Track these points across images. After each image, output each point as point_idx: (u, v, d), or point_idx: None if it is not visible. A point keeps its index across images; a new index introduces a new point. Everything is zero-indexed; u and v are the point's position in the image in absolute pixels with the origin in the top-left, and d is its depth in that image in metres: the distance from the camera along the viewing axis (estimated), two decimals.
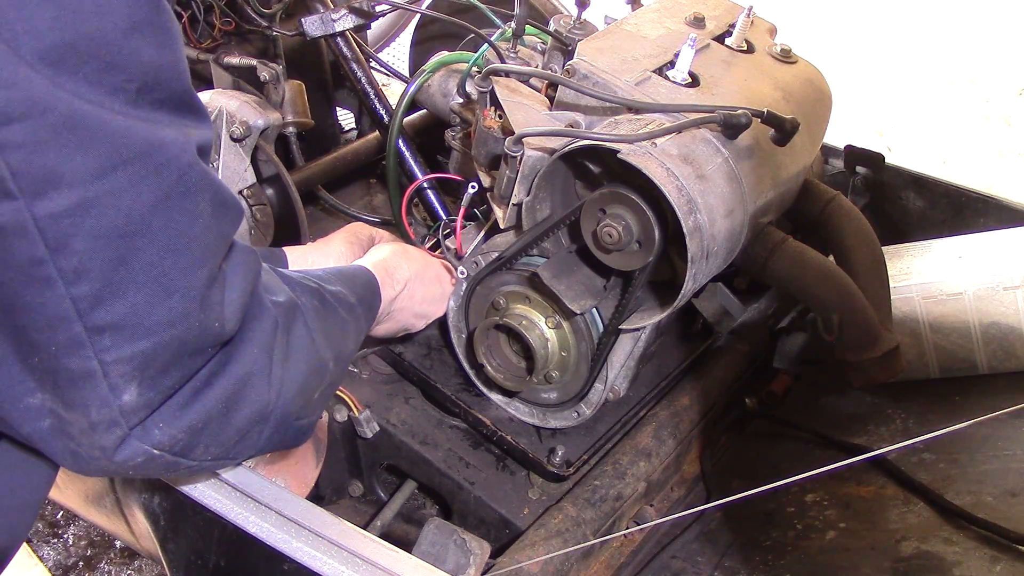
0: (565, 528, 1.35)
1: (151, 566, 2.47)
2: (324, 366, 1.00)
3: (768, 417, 1.72)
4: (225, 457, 0.92)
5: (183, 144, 0.77)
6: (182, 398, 0.83)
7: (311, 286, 1.05)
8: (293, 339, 0.95)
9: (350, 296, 1.12)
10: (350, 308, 1.10)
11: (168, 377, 0.81)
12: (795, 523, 1.46)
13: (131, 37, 0.72)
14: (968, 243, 1.77)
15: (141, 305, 0.76)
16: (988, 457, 1.46)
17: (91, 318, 0.74)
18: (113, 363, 0.76)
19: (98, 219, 0.72)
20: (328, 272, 1.14)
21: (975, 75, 4.15)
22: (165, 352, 0.79)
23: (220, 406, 0.86)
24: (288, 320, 0.94)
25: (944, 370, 1.70)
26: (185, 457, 0.87)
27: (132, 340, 0.77)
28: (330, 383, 1.04)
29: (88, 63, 0.70)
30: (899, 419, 1.64)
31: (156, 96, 0.75)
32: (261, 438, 0.94)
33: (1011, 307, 1.64)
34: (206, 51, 1.84)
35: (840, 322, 1.49)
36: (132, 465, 0.83)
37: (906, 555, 1.32)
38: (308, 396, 0.99)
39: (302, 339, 0.96)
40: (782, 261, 1.50)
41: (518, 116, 1.35)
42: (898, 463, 1.49)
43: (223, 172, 1.62)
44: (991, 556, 1.27)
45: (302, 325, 0.97)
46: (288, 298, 0.96)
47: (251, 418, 0.90)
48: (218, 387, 0.85)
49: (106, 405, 0.78)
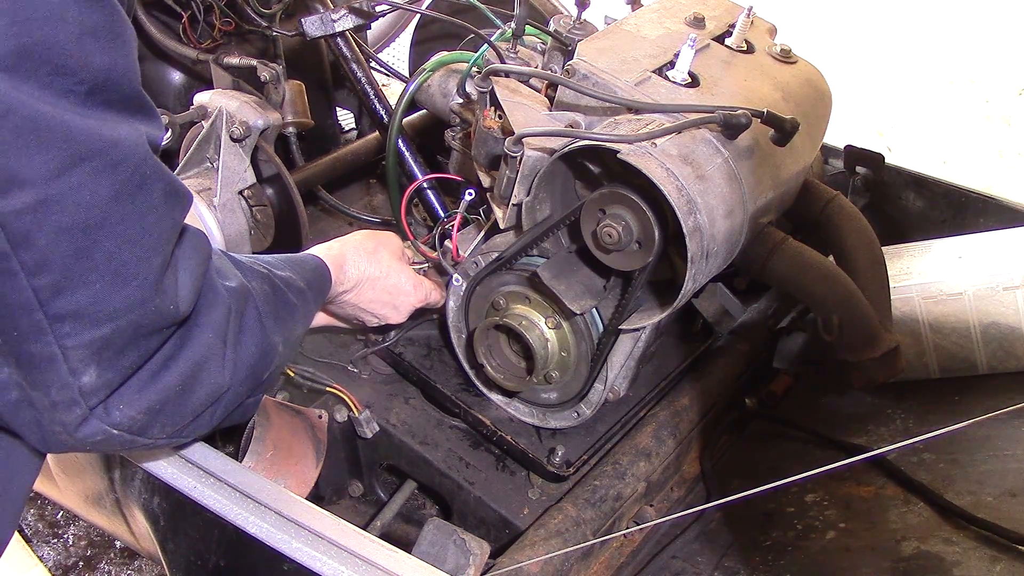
0: (565, 528, 1.35)
1: (151, 566, 2.47)
2: (273, 348, 1.04)
3: (768, 417, 1.72)
4: (179, 436, 0.97)
5: (136, 139, 0.81)
6: (141, 381, 0.87)
7: (261, 271, 1.09)
8: (244, 323, 0.99)
9: (299, 281, 1.15)
10: (299, 292, 1.14)
11: (125, 358, 0.85)
12: (795, 523, 1.46)
13: (82, 42, 0.76)
14: (968, 243, 1.77)
15: (100, 293, 0.80)
16: (988, 457, 1.46)
17: (52, 307, 0.78)
18: (73, 348, 0.81)
19: (59, 215, 0.76)
20: (278, 258, 1.18)
21: (975, 75, 4.15)
22: (122, 335, 0.83)
23: (177, 388, 0.90)
24: (240, 305, 0.98)
25: (944, 370, 1.70)
26: (142, 436, 0.91)
27: (92, 326, 0.81)
28: (279, 364, 1.08)
29: (41, 67, 0.73)
30: (899, 419, 1.64)
31: (106, 97, 0.78)
32: (214, 418, 0.99)
33: (1011, 307, 1.64)
34: (206, 51, 1.84)
35: (840, 322, 1.49)
36: (91, 442, 0.88)
37: (906, 555, 1.32)
38: (258, 377, 1.03)
39: (253, 323, 1.00)
40: (782, 261, 1.50)
41: (518, 116, 1.36)
42: (898, 463, 1.49)
43: (223, 172, 1.62)
44: (991, 556, 1.27)
45: (253, 309, 1.01)
46: (239, 283, 1.00)
47: (206, 399, 0.95)
48: (175, 370, 0.90)
49: (66, 387, 0.82)
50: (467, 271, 1.47)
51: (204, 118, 1.65)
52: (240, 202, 1.67)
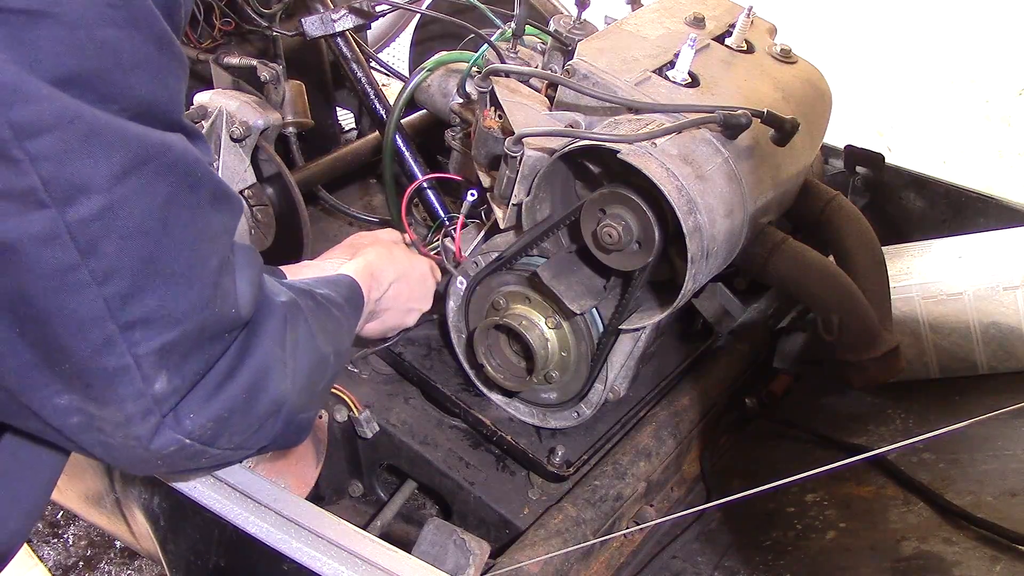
0: (565, 528, 1.35)
1: (151, 566, 2.47)
2: (326, 359, 1.05)
3: (768, 417, 1.72)
4: (244, 447, 0.97)
5: (185, 144, 0.81)
6: (208, 388, 0.87)
7: (304, 288, 1.11)
8: (299, 335, 1.00)
9: (337, 298, 1.17)
10: (340, 307, 1.16)
11: (192, 363, 0.85)
12: (795, 523, 1.46)
13: (130, 74, 0.76)
14: (968, 243, 1.77)
15: (166, 298, 0.80)
16: (988, 457, 1.46)
17: (122, 315, 0.78)
18: (144, 356, 0.81)
19: (125, 220, 0.76)
20: (315, 279, 1.20)
21: (975, 75, 4.15)
22: (188, 339, 0.83)
23: (243, 396, 0.90)
24: (292, 317, 1.00)
25: (944, 370, 1.70)
26: (211, 445, 0.91)
27: (160, 331, 0.81)
28: (331, 376, 1.09)
29: (87, 94, 0.74)
30: (899, 419, 1.64)
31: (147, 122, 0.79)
32: (275, 428, 0.98)
33: (1011, 307, 1.63)
34: (206, 51, 1.84)
35: (840, 322, 1.49)
36: (166, 454, 0.87)
37: (906, 555, 1.32)
38: (313, 388, 1.04)
39: (306, 334, 1.01)
40: (782, 261, 1.50)
41: (518, 116, 1.36)
42: (898, 463, 1.49)
43: (223, 172, 1.62)
44: (991, 556, 1.27)
45: (303, 322, 1.02)
46: (289, 297, 1.02)
47: (270, 407, 0.95)
48: (240, 378, 0.90)
49: (141, 396, 0.82)
50: (467, 271, 1.47)
51: (204, 118, 1.65)
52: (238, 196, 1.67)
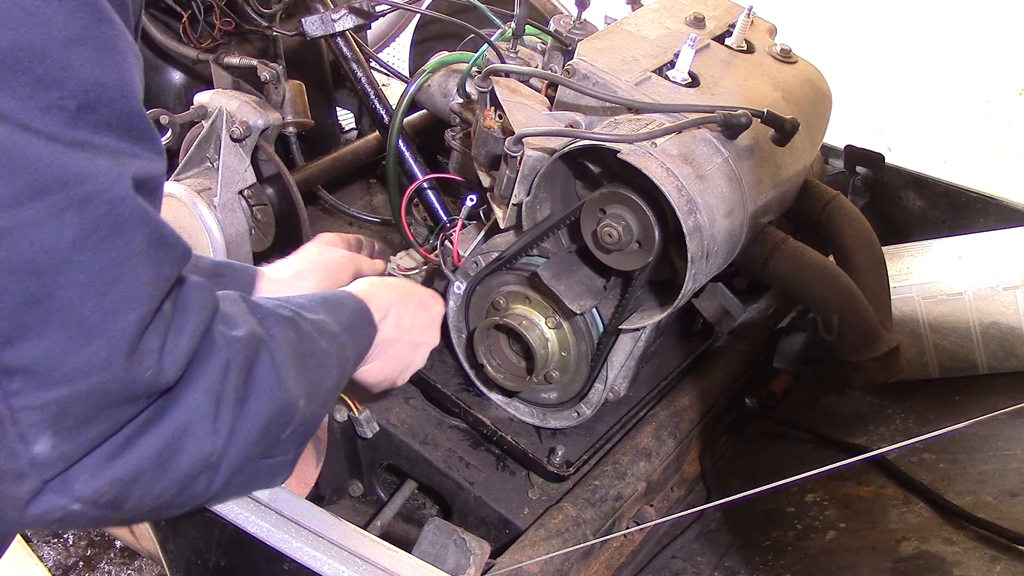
0: (565, 528, 1.35)
1: (151, 566, 2.47)
2: (292, 405, 0.91)
3: (768, 417, 1.72)
4: (169, 507, 0.86)
5: (116, 175, 0.70)
6: (109, 449, 0.76)
7: (285, 315, 0.96)
8: (254, 377, 0.87)
9: (333, 325, 1.02)
10: (332, 338, 1.00)
11: (89, 430, 0.74)
12: (795, 523, 1.46)
13: (69, 50, 0.67)
14: (968, 243, 1.77)
15: (55, 349, 0.70)
16: (988, 457, 1.46)
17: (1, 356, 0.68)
18: (23, 410, 0.70)
19: (9, 251, 0.66)
20: (311, 299, 1.05)
21: (975, 75, 4.14)
22: (84, 402, 0.72)
23: (154, 458, 0.79)
24: (248, 356, 0.86)
25: (944, 370, 1.70)
26: (114, 509, 0.79)
27: (45, 387, 0.70)
28: (302, 422, 0.95)
29: (18, 77, 0.65)
30: (899, 419, 1.64)
31: (99, 117, 0.70)
32: (213, 484, 0.87)
33: (1011, 307, 1.63)
34: (206, 51, 1.84)
35: (840, 322, 1.49)
36: (49, 520, 0.76)
37: (906, 555, 1.32)
38: (273, 436, 0.91)
39: (265, 377, 0.88)
40: (782, 261, 1.50)
41: (518, 116, 1.36)
42: (898, 463, 1.49)
43: (223, 172, 1.62)
44: (991, 556, 1.27)
45: (267, 360, 0.88)
46: (249, 331, 0.88)
47: (192, 468, 0.83)
48: (152, 437, 0.78)
49: (14, 455, 0.71)
50: (467, 271, 1.47)
51: (204, 118, 1.65)
52: (240, 202, 1.67)
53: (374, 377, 1.21)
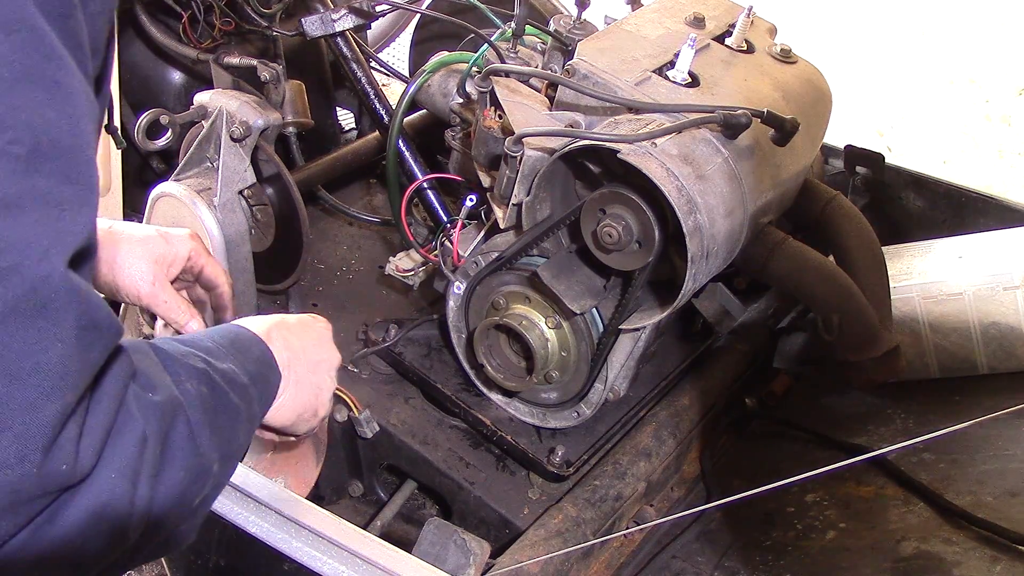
0: (565, 528, 1.35)
1: (151, 566, 2.47)
2: (207, 470, 0.84)
3: (768, 417, 1.72)
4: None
5: (45, 249, 0.62)
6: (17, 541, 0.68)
7: (199, 367, 0.87)
8: (170, 443, 0.79)
9: (242, 375, 0.92)
10: (242, 390, 0.91)
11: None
12: (795, 523, 1.46)
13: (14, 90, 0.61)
14: (968, 243, 1.77)
15: None
16: (988, 457, 1.46)
17: None
18: None
19: None
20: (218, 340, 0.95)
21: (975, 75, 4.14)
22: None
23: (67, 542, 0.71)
24: (166, 422, 0.78)
25: (944, 370, 1.70)
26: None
27: None
28: (214, 486, 0.87)
29: None
30: (899, 419, 1.64)
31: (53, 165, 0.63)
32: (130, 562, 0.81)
33: (1011, 307, 1.63)
34: (206, 51, 1.84)
35: (840, 322, 1.49)
36: None
37: (906, 555, 1.32)
38: (187, 505, 0.84)
39: (182, 441, 0.80)
40: (782, 261, 1.50)
41: (518, 116, 1.35)
42: (898, 463, 1.49)
43: (223, 172, 1.62)
44: (991, 556, 1.27)
45: (183, 424, 0.80)
46: (168, 395, 0.80)
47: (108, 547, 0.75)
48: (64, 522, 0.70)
49: None
50: (467, 271, 1.47)
51: (204, 118, 1.65)
52: (240, 202, 1.67)
53: (290, 414, 1.07)
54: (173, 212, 1.62)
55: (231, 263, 1.62)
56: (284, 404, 1.04)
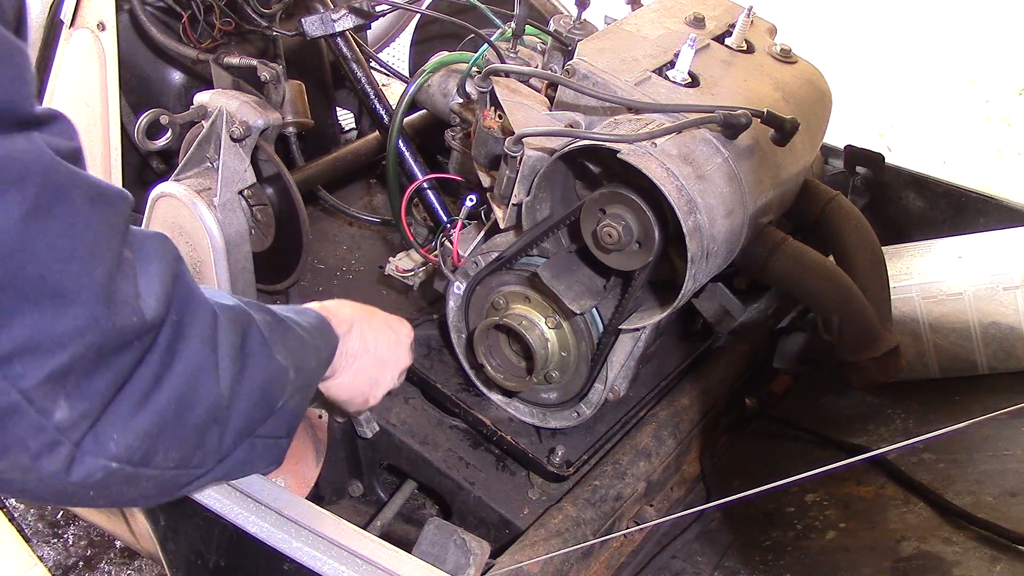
0: (565, 528, 1.35)
1: (151, 566, 2.47)
2: (283, 372, 0.97)
3: (768, 417, 1.72)
4: (188, 465, 0.89)
5: (36, 149, 0.72)
6: (130, 404, 0.80)
7: (261, 305, 1.03)
8: (248, 342, 0.92)
9: (302, 321, 1.08)
10: (305, 329, 1.06)
11: (96, 381, 0.77)
12: (795, 523, 1.46)
13: None
14: (968, 243, 1.77)
15: (42, 322, 0.72)
16: (988, 457, 1.46)
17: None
18: (33, 388, 0.73)
19: None
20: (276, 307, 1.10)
21: (975, 75, 4.15)
22: (84, 360, 0.75)
23: (172, 406, 0.83)
24: (239, 323, 0.92)
25: (944, 370, 1.70)
26: (146, 466, 0.84)
27: (44, 360, 0.73)
28: (292, 395, 1.00)
29: None
30: (899, 419, 1.64)
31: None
32: (223, 444, 0.91)
33: (1011, 307, 1.64)
34: (206, 51, 1.84)
35: (840, 322, 1.49)
36: (93, 483, 0.80)
37: (906, 555, 1.32)
38: (271, 403, 0.96)
39: (257, 343, 0.94)
40: (782, 261, 1.50)
41: (518, 116, 1.36)
42: (898, 463, 1.49)
43: (223, 172, 1.62)
44: (991, 556, 1.27)
45: (256, 332, 0.94)
46: (237, 304, 0.94)
47: (206, 416, 0.87)
48: (166, 387, 0.82)
49: (40, 430, 0.75)
50: (467, 271, 1.47)
51: (204, 118, 1.65)
52: (240, 202, 1.67)
53: (345, 392, 1.24)
54: (173, 212, 1.62)
55: (231, 263, 1.62)
56: (341, 384, 1.21)
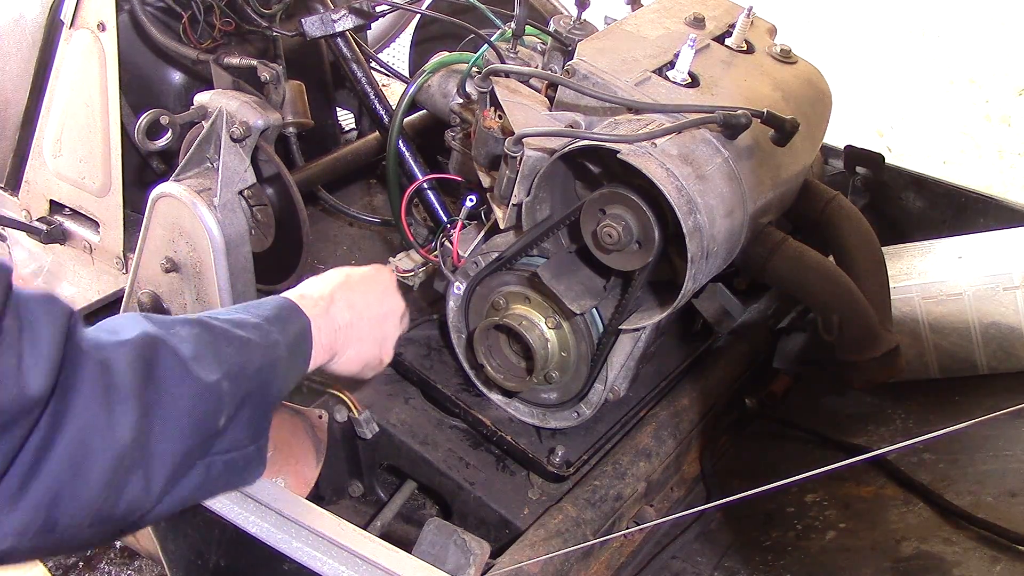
0: (565, 528, 1.35)
1: (151, 566, 2.47)
2: (211, 388, 0.92)
3: (768, 417, 1.72)
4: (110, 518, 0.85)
5: None
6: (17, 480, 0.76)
7: (189, 319, 0.98)
8: (159, 370, 0.88)
9: (251, 318, 1.03)
10: (252, 327, 1.01)
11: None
12: (795, 523, 1.46)
13: None
14: (968, 243, 1.77)
15: None
16: (988, 457, 1.46)
17: None
18: None
19: None
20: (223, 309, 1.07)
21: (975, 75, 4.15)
22: None
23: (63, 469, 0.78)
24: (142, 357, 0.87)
25: (944, 370, 1.70)
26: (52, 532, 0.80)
27: None
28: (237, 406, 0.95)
29: None
30: (899, 419, 1.64)
31: None
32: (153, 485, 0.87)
33: (1011, 307, 1.64)
34: (206, 51, 1.84)
35: (840, 322, 1.49)
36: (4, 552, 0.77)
37: (906, 555, 1.32)
38: (208, 424, 0.92)
39: (171, 369, 0.89)
40: (782, 261, 1.50)
41: (518, 116, 1.36)
42: (898, 463, 1.49)
43: (223, 172, 1.62)
44: (991, 556, 1.27)
45: (169, 356, 0.90)
46: (139, 333, 0.89)
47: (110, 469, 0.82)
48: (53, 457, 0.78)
49: None
50: (467, 271, 1.47)
51: (204, 118, 1.65)
52: (240, 202, 1.67)
53: (356, 364, 1.22)
54: (173, 212, 1.62)
55: (231, 263, 1.62)
56: (350, 358, 1.19)
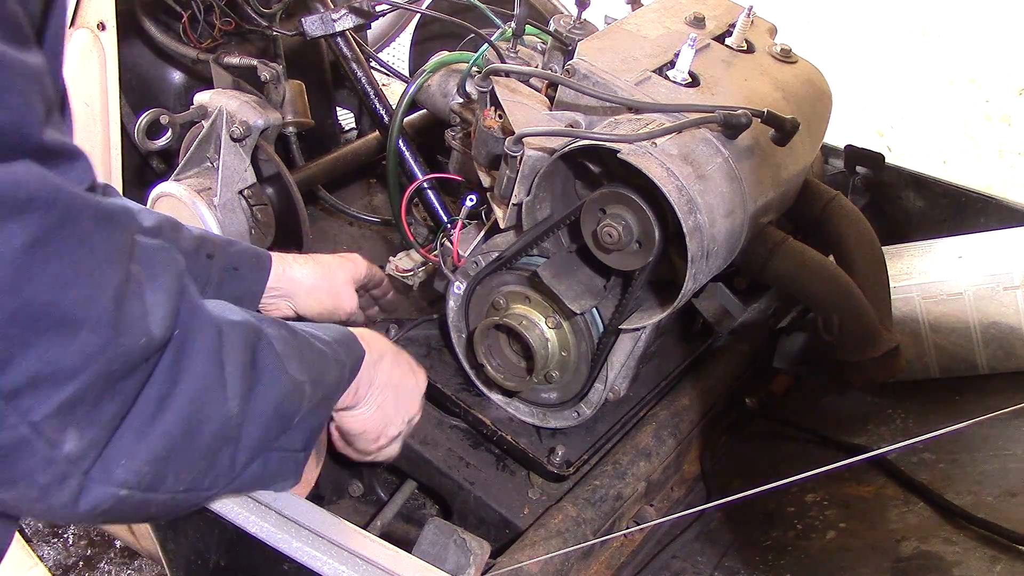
0: (565, 528, 1.35)
1: (151, 566, 2.47)
2: (299, 387, 0.95)
3: (768, 417, 1.72)
4: (199, 487, 0.88)
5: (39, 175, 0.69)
6: (137, 428, 0.79)
7: (276, 320, 1.00)
8: (259, 358, 0.91)
9: (325, 337, 1.05)
10: (325, 343, 1.04)
11: (104, 409, 0.76)
12: (795, 523, 1.46)
13: None
14: (968, 243, 1.77)
15: (50, 354, 0.70)
16: (988, 457, 1.46)
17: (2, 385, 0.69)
18: (42, 421, 0.71)
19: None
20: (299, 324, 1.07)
21: (975, 75, 4.15)
22: (93, 389, 0.74)
23: (180, 427, 0.81)
24: (248, 339, 0.90)
25: (944, 370, 1.70)
26: (156, 491, 0.82)
27: (53, 392, 0.71)
28: (311, 410, 0.99)
29: None
30: (899, 419, 1.64)
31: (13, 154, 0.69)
32: (236, 462, 0.90)
33: (1011, 307, 1.64)
34: (206, 51, 1.84)
35: (840, 322, 1.49)
36: (101, 511, 0.79)
37: (906, 555, 1.32)
38: (286, 419, 0.95)
39: (268, 359, 0.92)
40: (782, 261, 1.50)
41: (518, 116, 1.36)
42: (898, 463, 1.49)
43: (223, 172, 1.62)
44: (991, 556, 1.27)
45: (266, 346, 0.92)
46: (245, 319, 0.92)
47: (215, 436, 0.86)
48: (173, 408, 0.81)
49: (50, 462, 0.73)
50: (467, 271, 1.47)
51: (204, 118, 1.65)
52: (240, 202, 1.67)
53: (361, 424, 1.19)
54: (173, 212, 1.62)
55: None
56: (360, 415, 1.17)
